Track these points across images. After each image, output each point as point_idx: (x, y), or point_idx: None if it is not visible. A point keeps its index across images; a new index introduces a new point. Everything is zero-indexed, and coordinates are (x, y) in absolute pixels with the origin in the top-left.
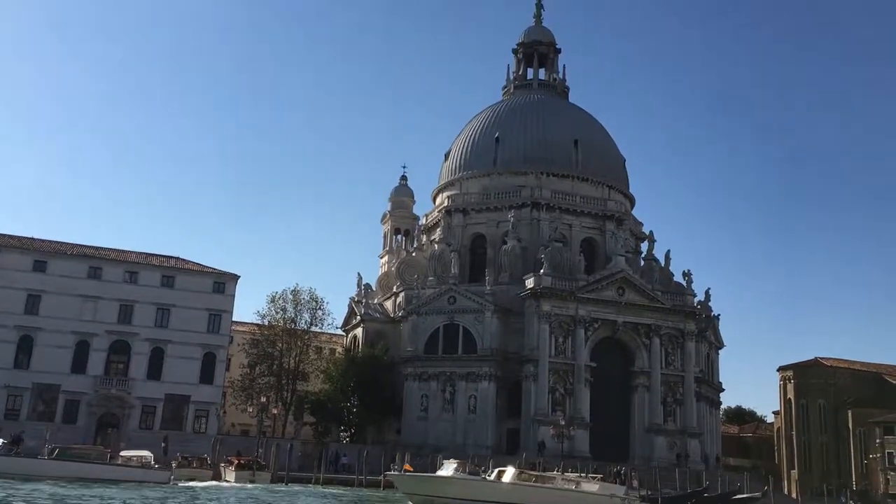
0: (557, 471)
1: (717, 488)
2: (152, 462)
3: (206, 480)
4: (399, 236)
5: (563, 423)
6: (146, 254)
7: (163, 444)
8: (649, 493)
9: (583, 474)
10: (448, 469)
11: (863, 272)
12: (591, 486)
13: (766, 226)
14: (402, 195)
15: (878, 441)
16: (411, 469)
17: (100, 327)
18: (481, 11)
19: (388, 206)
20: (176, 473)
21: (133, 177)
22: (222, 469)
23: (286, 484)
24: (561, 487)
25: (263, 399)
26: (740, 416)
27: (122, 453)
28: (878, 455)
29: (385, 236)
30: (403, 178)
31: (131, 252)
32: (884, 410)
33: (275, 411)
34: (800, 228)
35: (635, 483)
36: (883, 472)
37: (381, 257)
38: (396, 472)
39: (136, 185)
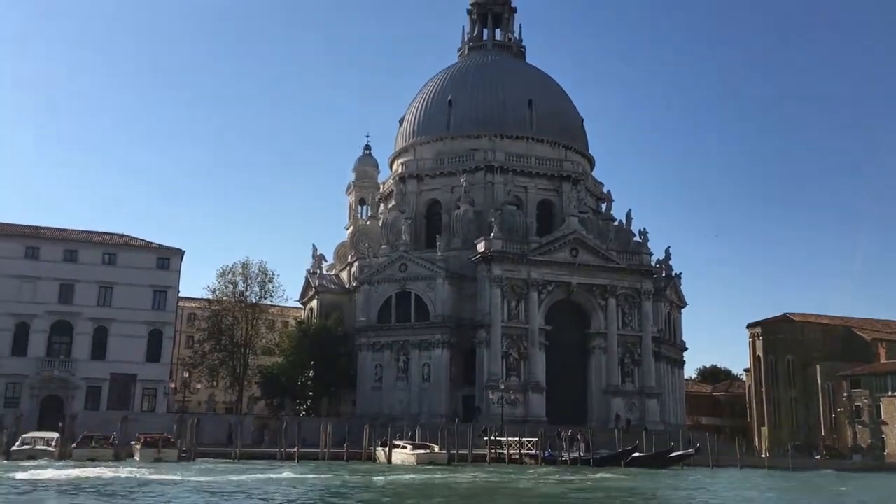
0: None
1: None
2: (54, 444)
3: (106, 460)
4: (364, 207)
5: (502, 387)
6: (87, 231)
7: (60, 424)
8: (581, 454)
9: None
10: None
11: (831, 227)
12: None
13: (731, 184)
14: (366, 165)
15: (845, 395)
16: None
17: (39, 308)
18: None
19: (353, 177)
20: (76, 454)
21: (74, 153)
22: (133, 448)
23: (193, 461)
24: None
25: (186, 374)
26: (715, 374)
27: (24, 436)
28: (846, 409)
29: (350, 207)
30: (367, 147)
31: (71, 230)
32: (851, 364)
33: (198, 386)
34: (765, 186)
35: (581, 445)
36: (851, 426)
37: (347, 228)
38: None
39: (79, 161)
